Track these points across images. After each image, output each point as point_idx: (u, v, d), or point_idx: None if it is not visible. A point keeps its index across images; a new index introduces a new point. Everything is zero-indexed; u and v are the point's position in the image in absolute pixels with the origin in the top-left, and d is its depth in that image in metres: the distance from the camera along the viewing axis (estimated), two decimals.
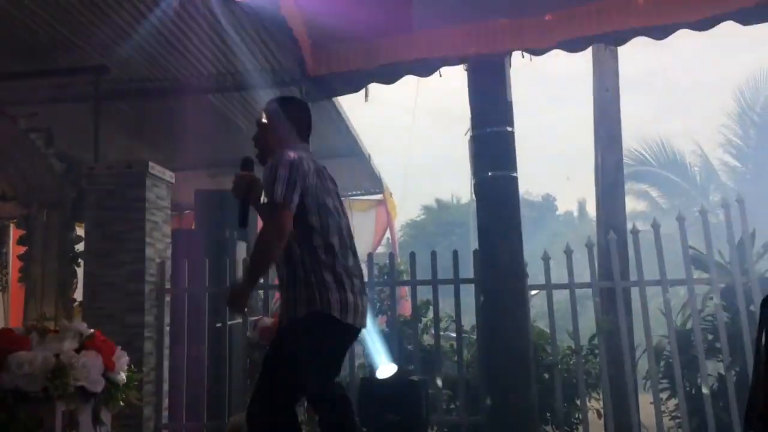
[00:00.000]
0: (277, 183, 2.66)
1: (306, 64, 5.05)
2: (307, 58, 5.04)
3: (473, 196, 5.08)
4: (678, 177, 18.14)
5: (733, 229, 4.86)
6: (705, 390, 4.65)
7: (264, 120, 3.02)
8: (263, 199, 2.86)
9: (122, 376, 2.26)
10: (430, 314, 5.17)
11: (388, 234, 12.02)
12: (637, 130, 23.34)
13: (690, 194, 17.68)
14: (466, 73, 5.14)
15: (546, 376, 5.08)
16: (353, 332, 2.88)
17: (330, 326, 2.71)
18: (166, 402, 5.07)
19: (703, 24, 4.42)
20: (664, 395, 5.07)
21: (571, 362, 5.07)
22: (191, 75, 5.90)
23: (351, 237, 2.92)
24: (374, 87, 5.19)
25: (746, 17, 4.39)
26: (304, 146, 2.99)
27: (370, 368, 4.61)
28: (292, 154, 2.76)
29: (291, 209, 2.67)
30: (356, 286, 2.81)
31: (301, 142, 2.99)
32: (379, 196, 11.18)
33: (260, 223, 2.92)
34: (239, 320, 5.31)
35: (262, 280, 5.36)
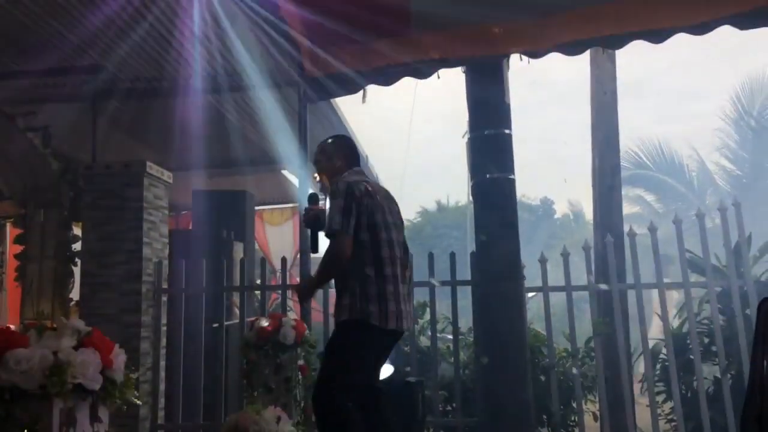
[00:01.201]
0: (336, 212, 3.08)
1: (304, 65, 5.06)
2: (305, 60, 5.05)
3: (471, 198, 5.09)
4: (675, 180, 18.20)
5: (730, 232, 4.87)
6: (701, 393, 4.65)
7: (322, 159, 3.52)
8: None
9: (120, 374, 2.26)
10: (427, 316, 5.17)
11: None
12: (635, 133, 23.42)
13: (687, 198, 17.73)
14: (464, 75, 5.16)
15: (542, 378, 5.09)
16: (395, 335, 3.26)
17: (367, 331, 3.08)
18: (162, 402, 5.06)
19: (700, 28, 4.43)
20: (660, 398, 5.08)
21: (568, 365, 5.08)
22: (189, 75, 5.89)
23: (403, 249, 3.31)
24: (372, 89, 5.20)
25: (743, 22, 4.40)
26: (358, 170, 3.44)
27: None
28: (343, 183, 3.18)
29: (349, 234, 3.07)
30: (401, 295, 3.18)
31: (354, 167, 3.44)
32: None
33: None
34: (236, 321, 5.31)
35: (259, 281, 5.38)
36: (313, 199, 3.45)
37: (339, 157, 3.46)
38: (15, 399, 2.05)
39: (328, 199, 3.25)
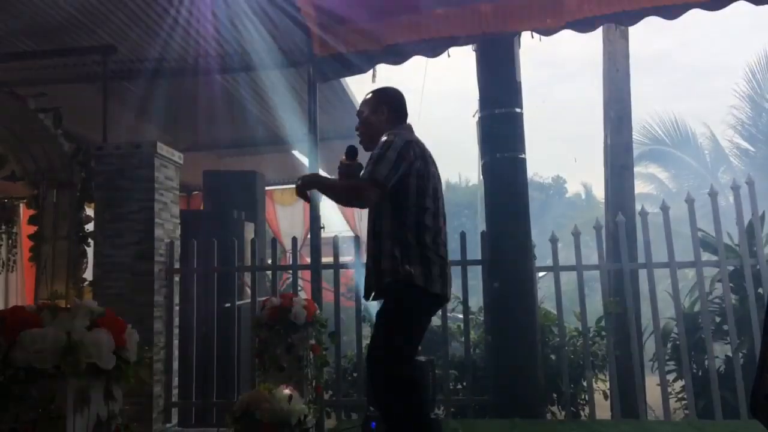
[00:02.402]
0: (383, 162, 2.87)
1: (314, 44, 5.04)
2: (315, 39, 5.03)
3: (481, 177, 5.08)
4: (689, 157, 18.08)
5: (743, 211, 4.84)
6: (712, 372, 4.65)
7: (366, 110, 3.24)
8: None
9: (133, 354, 2.28)
10: None
11: None
12: (651, 109, 23.23)
13: (700, 175, 17.61)
14: (474, 53, 5.12)
15: (553, 357, 5.11)
16: (438, 301, 3.08)
17: (413, 292, 2.90)
18: (175, 380, 5.12)
19: (715, 3, 4.37)
20: (670, 377, 5.09)
21: (578, 344, 5.09)
22: (199, 55, 5.88)
23: (443, 217, 3.13)
24: (382, 68, 5.17)
25: None
26: (408, 126, 3.17)
27: None
28: (401, 139, 2.95)
29: (385, 190, 2.88)
30: (444, 260, 3.01)
31: (403, 123, 3.18)
32: None
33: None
34: (247, 300, 5.34)
35: (270, 261, 5.40)
36: (351, 152, 3.19)
37: (384, 107, 3.19)
38: (30, 379, 2.07)
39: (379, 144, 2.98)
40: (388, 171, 2.87)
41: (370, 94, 3.28)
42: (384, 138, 2.98)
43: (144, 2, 4.91)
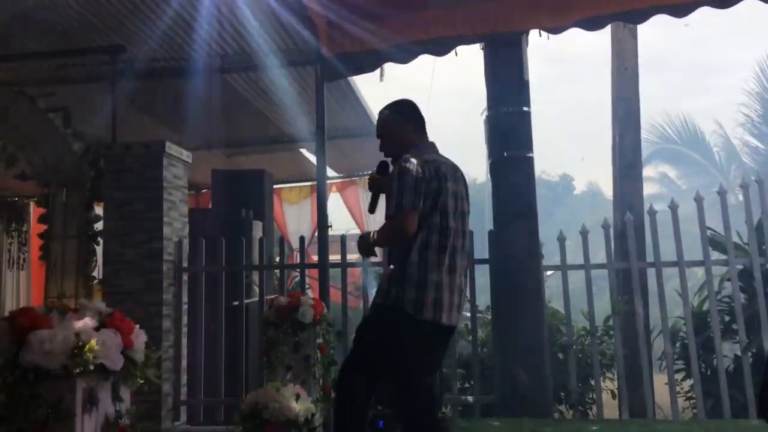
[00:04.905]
0: (406, 191, 2.90)
1: (321, 43, 5.04)
2: (323, 38, 5.02)
3: (489, 176, 5.08)
4: (699, 156, 18.01)
5: (752, 210, 4.81)
6: (721, 371, 4.63)
7: (384, 130, 3.27)
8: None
9: (140, 354, 2.30)
10: None
11: None
12: (660, 107, 23.18)
13: (711, 173, 17.54)
14: (482, 52, 5.10)
15: (561, 356, 5.10)
16: (438, 329, 2.96)
17: (401, 320, 2.87)
18: (184, 378, 5.15)
19: (724, 1, 4.34)
20: (679, 376, 5.07)
21: (586, 343, 5.07)
22: (207, 54, 5.89)
23: (459, 235, 3.04)
24: (390, 66, 5.17)
25: None
26: (431, 144, 3.21)
27: None
28: (413, 163, 2.96)
29: (417, 212, 2.91)
30: (445, 285, 2.92)
31: (423, 138, 3.22)
32: None
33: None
34: (255, 299, 5.36)
35: (277, 260, 5.42)
36: (382, 168, 3.27)
37: (407, 127, 3.22)
38: (38, 379, 2.10)
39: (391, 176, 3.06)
40: (412, 196, 2.89)
41: (389, 114, 3.28)
42: (399, 166, 3.00)
43: (153, 2, 4.92)
